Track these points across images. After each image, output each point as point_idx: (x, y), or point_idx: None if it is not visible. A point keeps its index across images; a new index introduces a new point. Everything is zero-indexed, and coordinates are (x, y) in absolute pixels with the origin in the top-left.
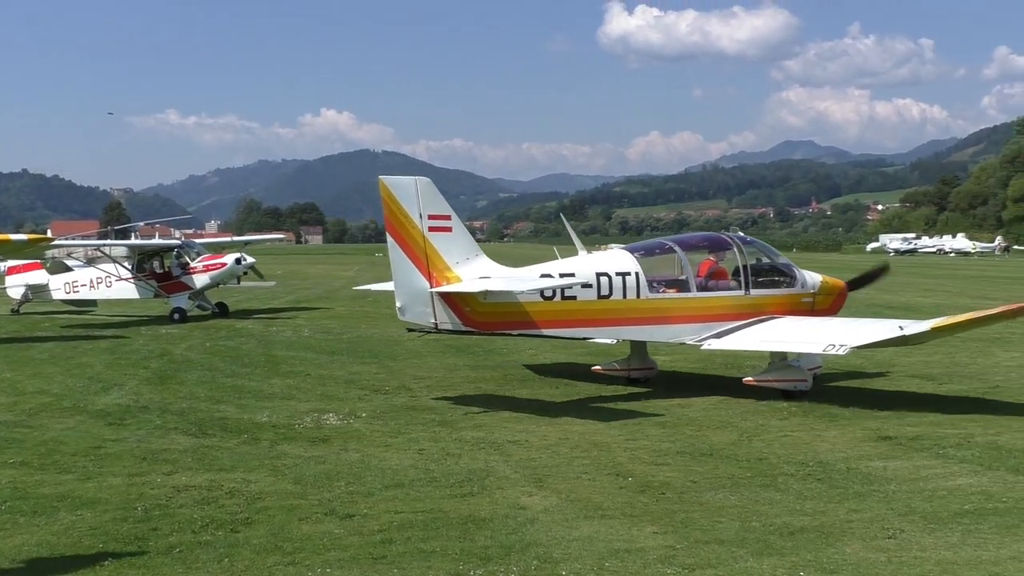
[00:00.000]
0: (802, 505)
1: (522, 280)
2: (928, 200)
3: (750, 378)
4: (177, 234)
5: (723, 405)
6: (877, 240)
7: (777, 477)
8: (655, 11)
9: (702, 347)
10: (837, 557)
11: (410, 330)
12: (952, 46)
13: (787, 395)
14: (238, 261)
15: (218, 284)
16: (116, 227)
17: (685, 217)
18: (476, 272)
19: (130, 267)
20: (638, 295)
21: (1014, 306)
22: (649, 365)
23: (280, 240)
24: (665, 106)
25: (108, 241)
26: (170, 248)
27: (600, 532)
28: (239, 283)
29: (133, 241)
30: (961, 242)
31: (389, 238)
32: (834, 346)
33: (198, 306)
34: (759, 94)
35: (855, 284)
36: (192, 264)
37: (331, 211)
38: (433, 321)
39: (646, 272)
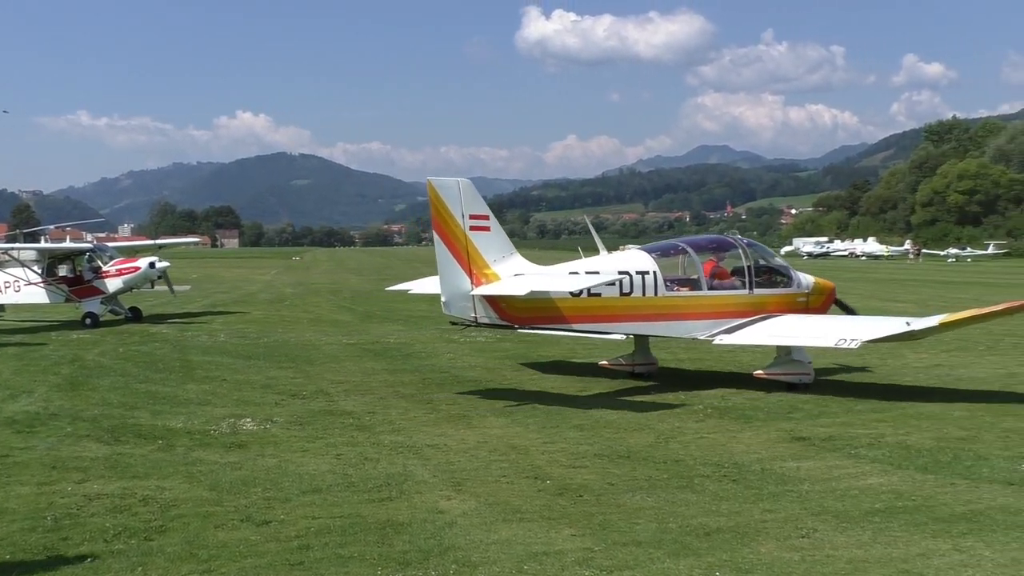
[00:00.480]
0: (718, 506)
1: (563, 279)
2: (840, 204)
3: (760, 371)
4: (89, 237)
5: (641, 407)
6: (791, 244)
7: (693, 478)
8: (572, 16)
9: (714, 342)
10: (752, 557)
11: (452, 323)
12: (862, 53)
13: (792, 387)
14: (151, 265)
15: (131, 289)
16: (25, 230)
17: (603, 221)
18: (512, 269)
19: (40, 271)
20: (656, 293)
21: (1015, 303)
22: (651, 360)
23: (195, 244)
24: (582, 110)
25: (17, 244)
26: (81, 252)
27: (518, 535)
28: (152, 287)
29: (43, 245)
30: (872, 246)
31: (435, 236)
32: (845, 340)
33: (111, 311)
34: (675, 99)
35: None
36: (104, 268)
37: (247, 214)
38: (473, 315)
39: (662, 271)
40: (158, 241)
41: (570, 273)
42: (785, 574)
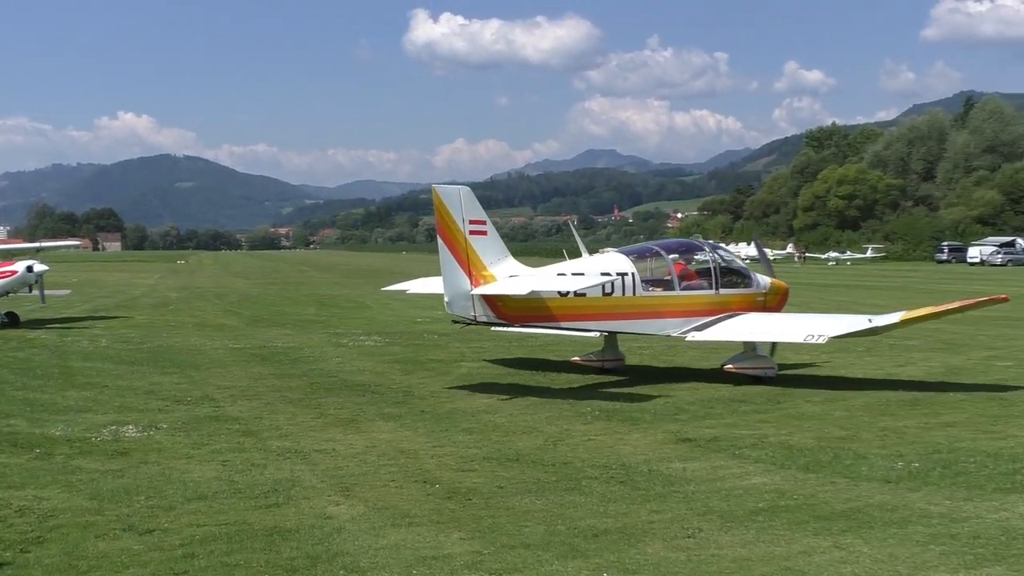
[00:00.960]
0: (606, 507)
1: (568, 280)
2: (724, 208)
3: (730, 365)
4: None
5: (530, 411)
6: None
7: (581, 481)
8: (460, 19)
9: (686, 339)
10: (639, 557)
11: (455, 322)
12: (745, 60)
13: (758, 380)
14: (29, 269)
15: (7, 293)
16: None
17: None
18: (507, 271)
19: None
20: (634, 293)
21: (969, 302)
22: (619, 356)
23: (76, 247)
24: (471, 114)
25: None
26: None
27: (407, 539)
28: (30, 292)
29: None
30: (755, 249)
31: (439, 240)
32: (813, 336)
33: None
34: (563, 103)
35: None
36: None
37: (130, 217)
38: (473, 314)
39: (639, 273)
40: (37, 244)
41: (558, 274)
42: (671, 574)
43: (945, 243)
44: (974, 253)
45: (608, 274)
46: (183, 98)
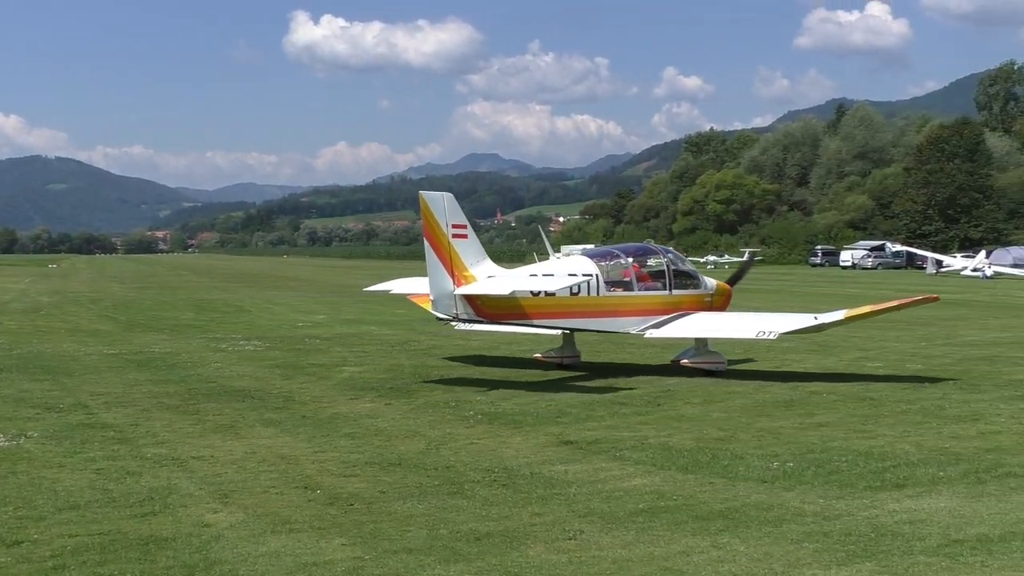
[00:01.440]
0: (488, 511)
1: (547, 279)
2: (606, 212)
3: (686, 360)
4: None
5: (412, 415)
6: (559, 251)
7: (464, 484)
8: (341, 21)
9: (644, 336)
10: (521, 560)
11: (439, 319)
12: (625, 66)
13: (710, 374)
14: None
15: None
16: None
17: (374, 228)
18: (485, 272)
19: None
20: (598, 293)
21: (907, 300)
22: (575, 353)
23: None
24: (352, 117)
25: None
26: None
27: (288, 546)
28: None
29: None
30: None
31: (426, 243)
32: (764, 332)
33: None
34: (445, 107)
35: (733, 281)
36: None
37: None
38: (455, 312)
39: (602, 274)
40: None
41: (530, 275)
42: None
43: (819, 247)
44: (846, 257)
45: (575, 275)
46: (54, 97)
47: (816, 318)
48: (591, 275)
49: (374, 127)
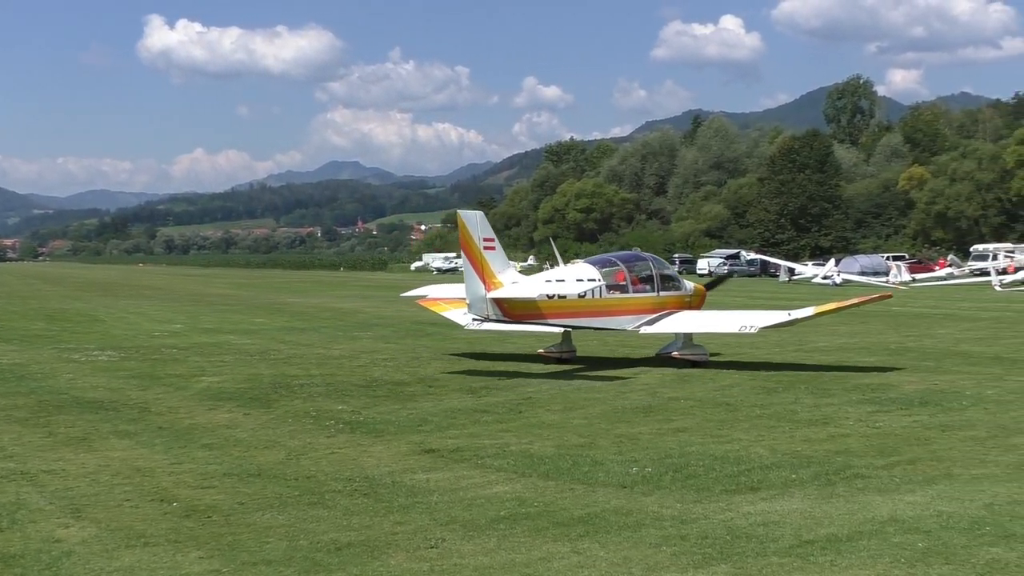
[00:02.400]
0: (349, 521)
1: (571, 284)
2: None
3: (676, 352)
4: None
5: (272, 425)
6: (421, 259)
7: (325, 494)
8: (198, 26)
9: (639, 332)
10: (382, 569)
11: (474, 319)
12: (486, 75)
13: (696, 365)
14: None
15: None
16: None
17: (233, 236)
18: (509, 279)
19: None
20: (601, 295)
21: (864, 298)
22: (572, 349)
23: None
24: (210, 123)
25: None
26: None
27: (143, 560)
28: None
29: None
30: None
31: (462, 254)
32: (746, 327)
33: None
34: (305, 114)
35: (710, 287)
36: None
37: None
38: (486, 313)
39: (603, 279)
40: None
41: (546, 281)
42: None
43: (676, 255)
44: (703, 265)
45: (594, 280)
46: None
47: (789, 314)
48: (594, 280)
49: (232, 134)
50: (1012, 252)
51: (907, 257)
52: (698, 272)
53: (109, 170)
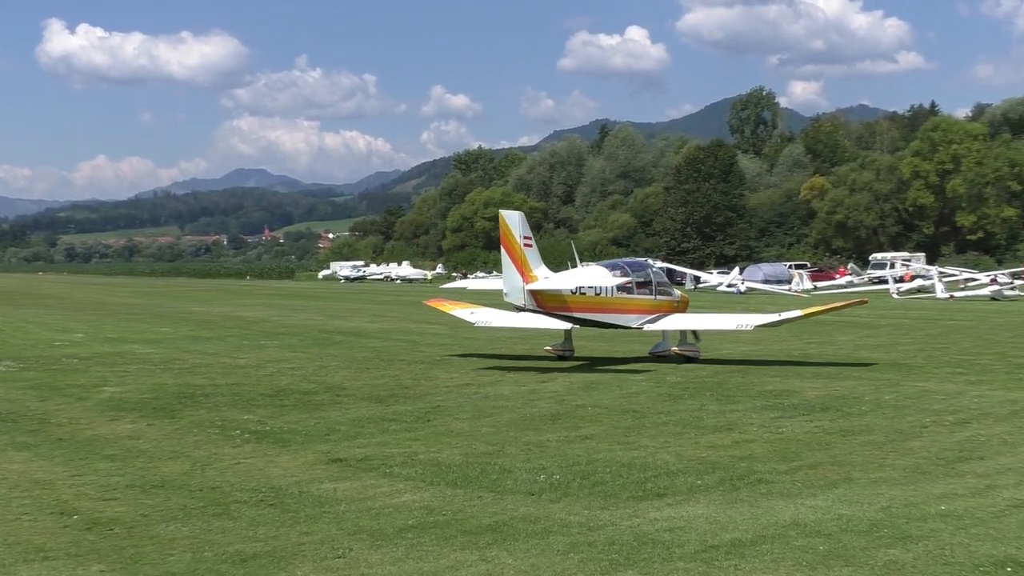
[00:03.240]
0: (255, 531)
1: (598, 279)
2: (375, 229)
3: (675, 348)
4: None
5: (176, 435)
6: (328, 268)
7: (230, 505)
8: (100, 31)
9: (643, 329)
10: None
11: (516, 308)
12: (393, 83)
13: (689, 360)
14: None
15: None
16: None
17: (136, 244)
18: (543, 274)
19: None
20: (612, 294)
21: (841, 304)
22: (571, 348)
23: None
24: (113, 130)
25: None
26: None
27: (41, 575)
28: None
29: None
30: (406, 269)
31: (503, 250)
32: (742, 325)
33: None
34: (211, 121)
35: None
36: None
37: None
38: (523, 303)
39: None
40: None
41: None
42: None
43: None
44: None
45: (625, 276)
46: None
47: (780, 315)
48: (630, 277)
49: (136, 141)
50: (909, 261)
51: (809, 265)
52: None
53: (7, 177)
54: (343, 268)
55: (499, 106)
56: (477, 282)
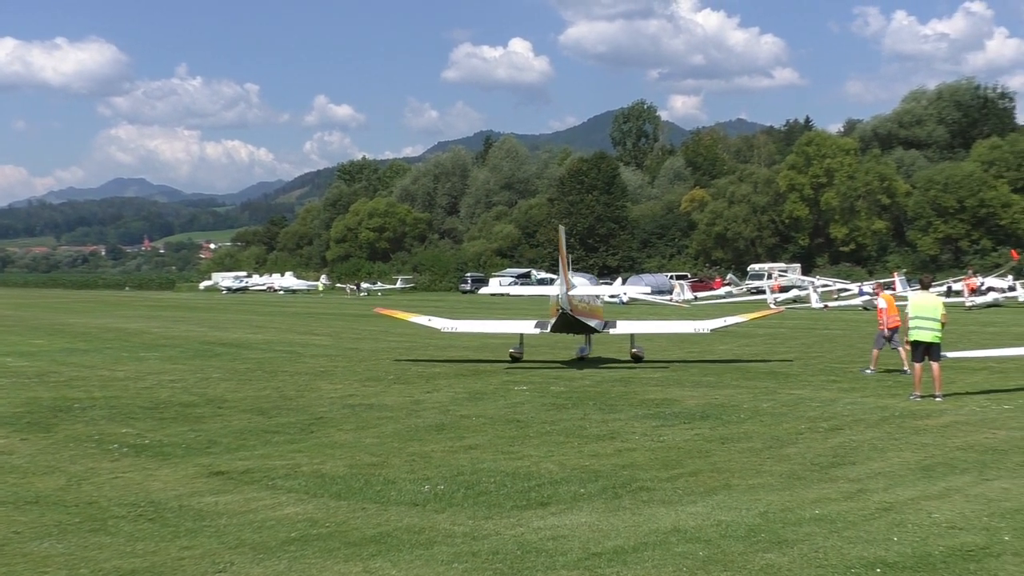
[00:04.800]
0: (133, 547)
1: (622, 290)
2: (258, 240)
3: (636, 349)
4: None
5: (51, 449)
6: (210, 279)
7: (107, 520)
8: None
9: (609, 332)
10: None
11: (561, 311)
12: (275, 93)
13: (638, 359)
14: None
15: None
16: None
17: (9, 254)
18: (577, 283)
19: None
20: (592, 304)
21: (770, 311)
22: (522, 352)
23: None
24: None
25: None
26: None
27: None
28: None
29: None
30: (290, 280)
31: (560, 258)
32: (698, 328)
33: None
34: (88, 129)
35: None
36: None
37: None
38: (568, 307)
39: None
40: None
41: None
42: None
43: (468, 274)
44: (494, 284)
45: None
46: None
47: (726, 320)
48: (596, 293)
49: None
50: (785, 271)
51: (689, 276)
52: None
53: None
54: (225, 279)
55: (383, 117)
56: (518, 290)
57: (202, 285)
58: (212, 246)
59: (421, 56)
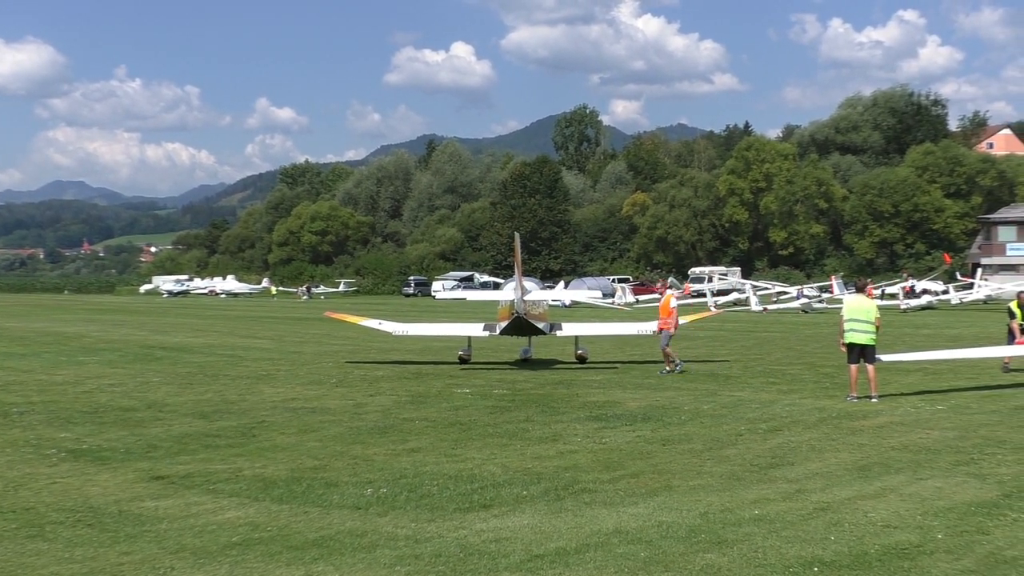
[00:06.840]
0: (71, 553)
1: (586, 296)
2: (200, 243)
3: (581, 351)
4: None
5: None
6: (151, 282)
7: (45, 526)
8: None
9: (556, 334)
10: None
11: (514, 314)
12: (217, 95)
13: (583, 360)
14: None
15: None
16: None
17: None
18: (530, 288)
19: None
20: (546, 308)
21: (709, 313)
22: (471, 353)
23: None
24: None
25: None
26: None
27: None
28: None
29: None
30: (232, 283)
31: (515, 266)
32: (643, 330)
33: None
34: (25, 131)
35: None
36: None
37: None
38: (524, 309)
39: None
40: None
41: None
42: None
43: (412, 277)
44: (437, 287)
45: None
46: None
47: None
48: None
49: None
50: (725, 274)
51: (631, 279)
52: (433, 294)
53: None
54: (166, 282)
55: (325, 120)
56: (476, 295)
57: (143, 289)
58: (153, 249)
59: (364, 59)
